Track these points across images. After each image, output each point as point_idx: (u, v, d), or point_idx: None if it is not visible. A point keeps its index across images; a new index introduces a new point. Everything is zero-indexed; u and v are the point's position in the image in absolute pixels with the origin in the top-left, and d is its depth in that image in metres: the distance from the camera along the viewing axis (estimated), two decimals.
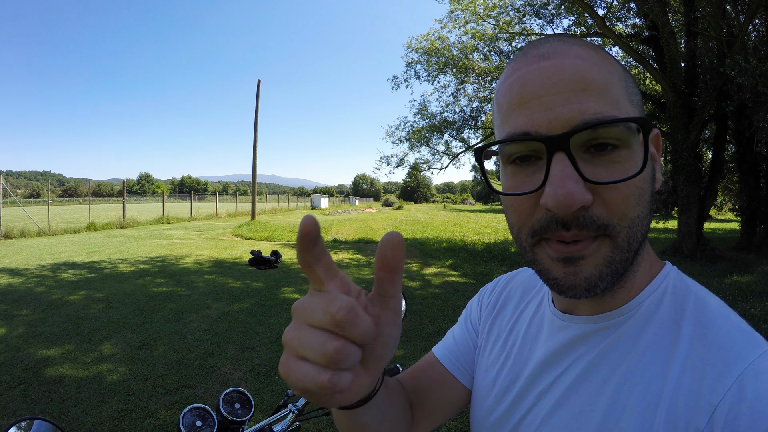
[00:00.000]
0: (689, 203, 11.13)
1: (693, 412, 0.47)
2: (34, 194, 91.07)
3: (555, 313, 0.64)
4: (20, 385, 4.00)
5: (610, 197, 0.49)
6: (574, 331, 0.60)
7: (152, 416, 3.51)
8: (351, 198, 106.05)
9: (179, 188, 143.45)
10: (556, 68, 0.50)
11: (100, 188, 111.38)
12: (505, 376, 0.69)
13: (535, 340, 0.67)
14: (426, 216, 40.40)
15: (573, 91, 0.49)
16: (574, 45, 0.53)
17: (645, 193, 0.51)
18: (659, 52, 11.97)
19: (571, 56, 0.51)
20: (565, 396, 0.59)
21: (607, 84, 0.50)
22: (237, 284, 8.44)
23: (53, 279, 8.55)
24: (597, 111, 0.48)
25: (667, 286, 0.57)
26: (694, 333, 0.52)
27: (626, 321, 0.56)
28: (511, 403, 0.66)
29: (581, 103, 0.49)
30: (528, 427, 0.62)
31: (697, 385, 0.48)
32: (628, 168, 0.49)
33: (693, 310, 0.54)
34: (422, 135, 17.61)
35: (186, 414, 1.06)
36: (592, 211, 0.49)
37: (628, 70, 0.56)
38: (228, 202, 47.40)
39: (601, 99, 0.49)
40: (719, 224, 27.20)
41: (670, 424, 0.48)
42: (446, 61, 16.02)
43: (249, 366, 4.48)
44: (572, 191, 0.47)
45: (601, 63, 0.52)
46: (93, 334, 5.38)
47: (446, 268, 10.59)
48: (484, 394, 0.72)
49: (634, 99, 0.53)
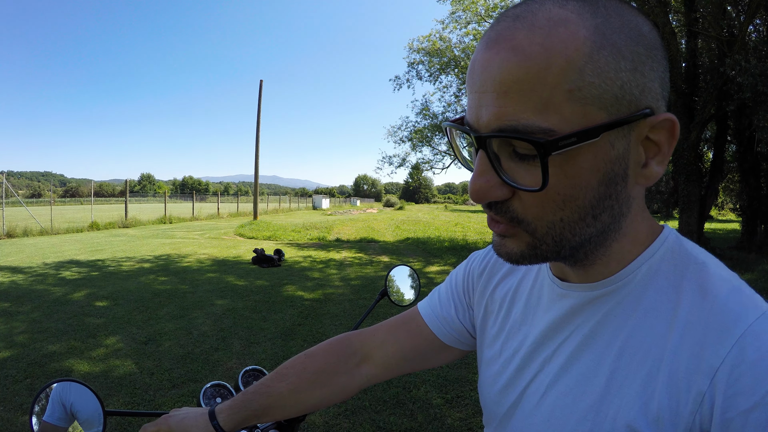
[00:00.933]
0: (690, 203, 11.15)
1: (694, 375, 0.48)
2: (35, 194, 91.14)
3: (554, 281, 0.64)
4: (26, 379, 4.03)
5: (526, 197, 0.50)
6: (574, 300, 0.60)
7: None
8: (352, 198, 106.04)
9: (181, 188, 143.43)
10: (489, 63, 0.48)
11: (101, 188, 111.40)
12: (510, 344, 0.70)
13: (536, 309, 0.68)
14: (427, 216, 40.38)
15: (496, 92, 0.47)
16: (521, 29, 0.47)
17: (576, 199, 0.49)
18: None
19: (507, 48, 0.47)
20: (568, 363, 0.60)
21: (536, 83, 0.45)
22: (241, 282, 8.47)
23: (57, 277, 8.59)
24: (513, 118, 0.46)
25: (666, 251, 0.57)
26: (693, 297, 0.52)
27: (624, 287, 0.56)
28: (515, 370, 0.68)
29: (500, 107, 0.47)
30: (533, 394, 0.64)
31: (698, 348, 0.49)
32: (553, 181, 0.48)
33: (692, 274, 0.54)
34: (424, 135, 17.66)
35: (207, 390, 1.09)
36: (510, 203, 0.51)
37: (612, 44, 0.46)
38: (229, 202, 47.42)
39: (523, 102, 0.46)
40: (720, 224, 27.19)
41: (672, 388, 0.49)
42: (448, 62, 16.07)
43: (254, 360, 4.52)
44: (480, 188, 0.50)
45: (537, 54, 0.45)
46: (98, 330, 5.42)
47: (449, 266, 10.62)
48: (490, 363, 0.74)
49: (591, 92, 0.46)
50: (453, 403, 3.68)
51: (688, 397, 0.48)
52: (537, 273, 0.71)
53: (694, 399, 0.48)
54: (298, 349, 4.83)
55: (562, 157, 0.47)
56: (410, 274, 1.38)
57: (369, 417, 3.46)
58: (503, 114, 0.47)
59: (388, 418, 3.44)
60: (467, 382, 4.05)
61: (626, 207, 0.53)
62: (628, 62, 0.46)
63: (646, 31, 0.49)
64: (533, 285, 0.70)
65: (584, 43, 0.45)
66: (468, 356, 3.52)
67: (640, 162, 0.51)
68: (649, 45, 0.48)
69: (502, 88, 0.47)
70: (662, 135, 0.50)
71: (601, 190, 0.49)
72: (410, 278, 1.38)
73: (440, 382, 4.05)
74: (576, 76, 0.45)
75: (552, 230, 0.51)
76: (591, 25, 0.46)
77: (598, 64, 0.45)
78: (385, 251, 13.79)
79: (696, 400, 0.48)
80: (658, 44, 0.50)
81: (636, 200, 0.55)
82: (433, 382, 4.05)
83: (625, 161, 0.49)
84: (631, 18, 0.48)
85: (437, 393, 3.84)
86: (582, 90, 0.45)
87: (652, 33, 0.49)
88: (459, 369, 4.30)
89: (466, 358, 4.54)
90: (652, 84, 0.49)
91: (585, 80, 0.45)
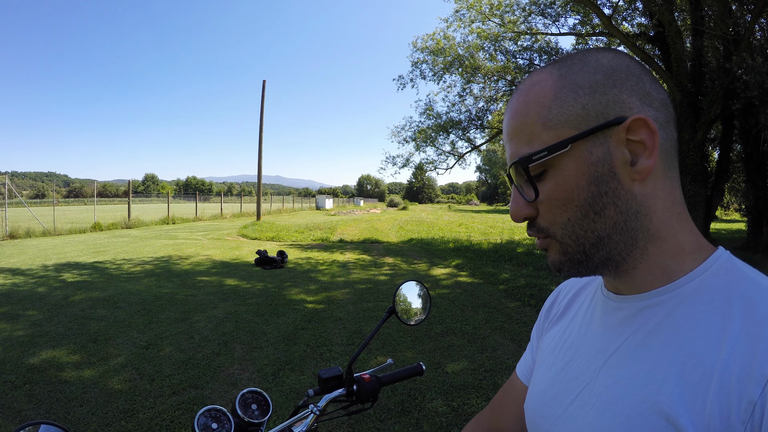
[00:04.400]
0: (696, 203, 11.06)
1: (745, 384, 0.49)
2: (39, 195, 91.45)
3: (608, 295, 0.69)
4: (25, 385, 3.97)
5: (543, 210, 0.63)
6: (628, 310, 0.64)
7: (159, 417, 3.48)
8: (356, 198, 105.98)
9: (184, 189, 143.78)
10: (504, 122, 0.68)
11: (105, 189, 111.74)
12: (563, 357, 0.74)
13: (590, 323, 0.72)
14: (431, 216, 40.36)
15: (509, 135, 0.65)
16: (515, 95, 0.66)
17: (573, 200, 0.60)
18: (665, 52, 11.91)
19: (509, 111, 0.66)
20: (619, 371, 0.62)
21: (524, 126, 0.63)
22: (243, 284, 8.41)
23: (58, 279, 8.55)
24: (517, 153, 0.63)
25: (718, 268, 0.59)
26: (745, 311, 0.54)
27: (675, 297, 0.59)
28: (569, 379, 0.70)
29: (512, 149, 0.64)
30: (584, 404, 0.65)
31: (750, 358, 0.50)
32: (549, 188, 0.61)
33: (744, 289, 0.56)
34: (428, 135, 17.57)
35: (201, 416, 1.02)
36: (537, 220, 0.65)
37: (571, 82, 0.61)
38: (233, 202, 47.47)
39: (519, 141, 0.63)
40: (726, 224, 27.05)
41: (723, 397, 0.50)
42: (452, 61, 15.98)
43: (257, 366, 4.45)
44: (514, 209, 0.65)
45: (522, 109, 0.63)
46: (99, 334, 5.36)
47: (453, 268, 10.55)
48: (541, 375, 0.78)
49: (559, 120, 0.60)
50: (459, 411, 3.61)
51: (739, 406, 0.49)
52: (593, 293, 0.76)
53: (746, 408, 0.49)
54: (301, 353, 4.77)
55: (551, 170, 0.61)
56: (420, 290, 1.31)
57: (374, 426, 3.39)
58: (513, 154, 0.64)
59: (393, 427, 3.37)
60: (473, 389, 3.97)
61: (635, 204, 0.59)
62: (585, 90, 0.60)
63: (605, 62, 0.61)
64: (589, 305, 0.76)
65: (550, 90, 0.61)
66: (474, 362, 3.45)
67: (626, 161, 0.59)
68: (608, 70, 0.60)
69: (513, 133, 0.65)
70: (642, 133, 0.58)
71: (593, 189, 0.59)
72: (420, 294, 1.31)
73: (446, 389, 3.98)
74: (545, 113, 0.61)
75: (566, 230, 0.62)
76: (556, 76, 0.62)
77: (560, 100, 0.60)
78: (389, 252, 13.73)
79: (747, 409, 0.49)
80: (620, 66, 0.61)
81: (650, 200, 0.60)
82: (439, 389, 3.98)
83: (608, 162, 0.59)
84: (591, 57, 0.62)
85: (443, 401, 3.76)
86: (551, 120, 0.60)
87: (614, 60, 0.62)
88: (464, 376, 4.23)
89: (471, 365, 4.47)
90: (620, 96, 0.59)
91: (552, 113, 0.60)
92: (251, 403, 1.12)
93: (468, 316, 6.25)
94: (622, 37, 11.55)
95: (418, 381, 4.09)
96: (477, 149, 17.73)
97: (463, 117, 16.98)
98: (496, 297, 7.56)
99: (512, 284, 8.43)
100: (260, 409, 1.12)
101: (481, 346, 5.02)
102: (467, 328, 5.72)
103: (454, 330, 5.63)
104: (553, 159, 0.60)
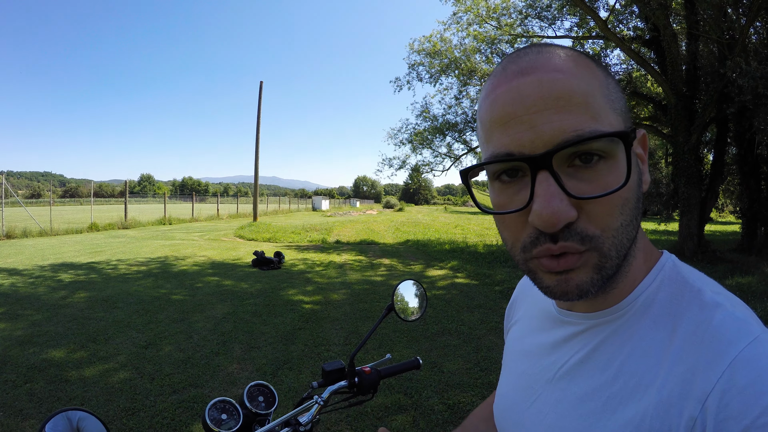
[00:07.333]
0: (690, 205, 11.16)
1: (686, 401, 0.49)
2: (35, 195, 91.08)
3: (557, 310, 0.68)
4: (26, 384, 4.01)
5: (593, 210, 0.50)
6: (574, 327, 0.64)
7: (160, 415, 3.53)
8: (352, 200, 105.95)
9: (180, 189, 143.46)
10: (535, 85, 0.51)
11: (101, 189, 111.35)
12: (520, 363, 0.75)
13: (539, 334, 0.72)
14: (427, 218, 40.40)
15: (553, 108, 0.49)
16: (552, 56, 0.53)
17: (629, 202, 0.52)
18: (660, 55, 11.99)
19: (550, 70, 0.51)
20: (565, 386, 0.62)
21: (587, 96, 0.50)
22: (241, 285, 8.46)
23: (56, 279, 8.57)
24: (577, 127, 0.48)
25: (663, 279, 0.58)
26: (688, 324, 0.53)
27: (622, 316, 0.58)
28: (523, 390, 0.71)
29: (561, 121, 0.49)
30: (537, 413, 0.66)
31: (690, 374, 0.49)
32: (611, 180, 0.50)
33: (687, 302, 0.55)
34: (424, 137, 17.61)
35: (211, 408, 1.07)
36: (577, 224, 0.50)
37: (610, 73, 0.55)
38: (229, 203, 47.42)
39: (582, 113, 0.49)
40: (720, 226, 27.18)
41: (664, 413, 0.50)
42: (449, 63, 16.03)
43: (255, 365, 4.50)
44: (557, 210, 0.48)
45: (581, 73, 0.51)
46: (98, 333, 5.40)
47: (449, 270, 10.61)
48: (504, 378, 0.80)
49: (617, 106, 0.53)
50: (454, 408, 3.67)
51: (680, 422, 0.49)
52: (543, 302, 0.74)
53: (686, 424, 0.48)
54: (298, 353, 4.82)
55: (609, 160, 0.50)
56: (417, 289, 1.37)
57: (371, 423, 3.44)
58: (567, 126, 0.49)
59: (390, 424, 3.43)
60: (468, 387, 4.03)
61: (639, 213, 0.56)
62: (615, 88, 0.55)
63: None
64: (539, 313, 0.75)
65: (597, 69, 0.54)
66: (469, 361, 3.50)
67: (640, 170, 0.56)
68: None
69: (560, 102, 0.50)
70: (642, 147, 0.58)
71: (638, 192, 0.54)
72: (416, 293, 1.37)
73: (442, 387, 4.03)
74: (606, 91, 0.52)
75: (615, 239, 0.51)
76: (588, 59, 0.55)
77: (613, 85, 0.54)
78: (385, 254, 13.78)
79: (688, 425, 0.48)
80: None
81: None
82: (435, 387, 4.03)
83: (638, 165, 0.55)
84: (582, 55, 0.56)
85: (439, 398, 3.82)
86: (614, 103, 0.53)
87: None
88: (460, 375, 4.29)
89: (466, 364, 4.53)
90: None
91: (613, 96, 0.53)
92: (258, 395, 1.17)
93: (464, 317, 6.31)
94: (618, 40, 11.63)
95: (415, 379, 4.15)
96: (473, 151, 17.76)
97: (459, 119, 17.01)
98: (491, 298, 7.61)
99: (508, 285, 8.48)
100: (267, 401, 1.17)
101: (476, 346, 5.08)
102: (463, 328, 5.78)
103: (450, 330, 5.69)
104: (615, 148, 0.50)
